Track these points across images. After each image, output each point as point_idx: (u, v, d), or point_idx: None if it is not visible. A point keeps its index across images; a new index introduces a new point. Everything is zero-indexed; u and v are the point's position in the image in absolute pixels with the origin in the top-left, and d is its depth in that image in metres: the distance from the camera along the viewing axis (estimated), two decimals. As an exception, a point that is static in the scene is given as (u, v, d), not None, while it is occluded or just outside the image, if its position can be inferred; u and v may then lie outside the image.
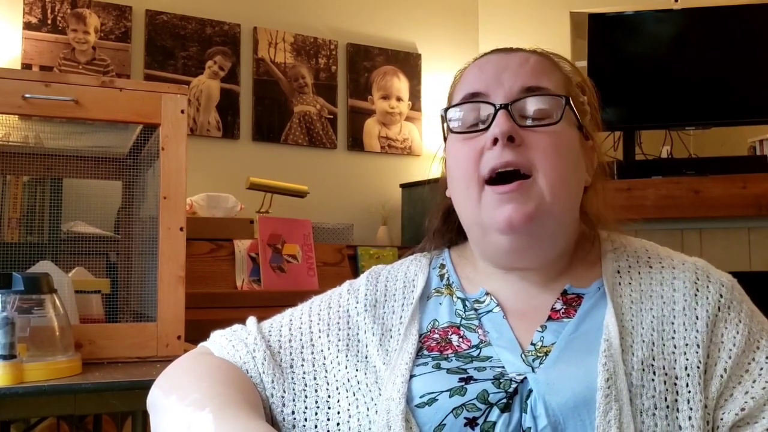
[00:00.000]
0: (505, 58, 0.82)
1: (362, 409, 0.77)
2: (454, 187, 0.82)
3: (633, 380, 0.70)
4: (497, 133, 0.75)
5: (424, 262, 0.90)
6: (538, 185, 0.76)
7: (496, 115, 0.77)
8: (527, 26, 3.38)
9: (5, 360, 1.15)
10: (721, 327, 0.74)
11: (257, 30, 3.13)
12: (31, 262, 1.43)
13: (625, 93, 2.91)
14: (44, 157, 1.60)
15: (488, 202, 0.76)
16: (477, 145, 0.78)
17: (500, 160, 0.75)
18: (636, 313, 0.75)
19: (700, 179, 2.60)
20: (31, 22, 2.71)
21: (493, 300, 0.82)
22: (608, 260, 0.81)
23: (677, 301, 0.76)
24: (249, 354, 0.82)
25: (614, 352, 0.71)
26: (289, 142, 3.17)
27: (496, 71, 0.80)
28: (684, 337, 0.73)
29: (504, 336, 0.78)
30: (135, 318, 1.52)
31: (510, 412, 0.70)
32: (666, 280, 0.78)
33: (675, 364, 0.72)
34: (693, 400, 0.69)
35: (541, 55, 0.84)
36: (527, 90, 0.79)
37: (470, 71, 0.84)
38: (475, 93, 0.80)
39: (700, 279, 0.77)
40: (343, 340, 0.82)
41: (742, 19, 2.89)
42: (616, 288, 0.78)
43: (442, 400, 0.72)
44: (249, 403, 0.73)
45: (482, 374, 0.73)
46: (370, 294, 0.86)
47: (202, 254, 2.38)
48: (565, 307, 0.78)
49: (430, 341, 0.80)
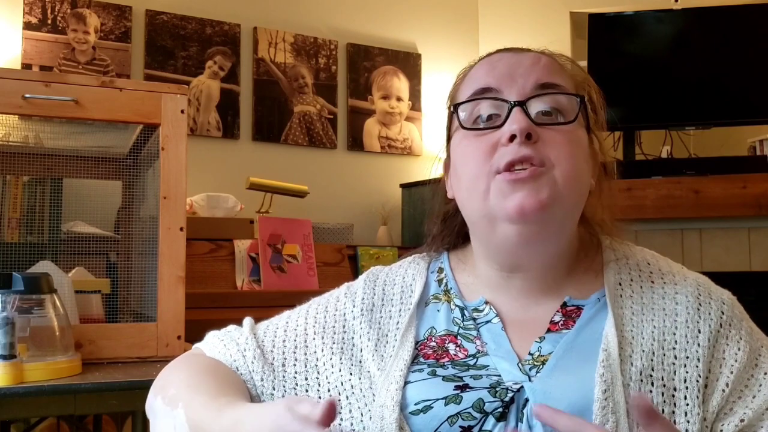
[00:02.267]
0: (517, 57, 0.80)
1: (356, 414, 0.76)
2: (460, 183, 0.79)
3: (631, 392, 0.69)
4: (516, 130, 0.73)
5: (422, 266, 0.88)
6: (553, 174, 0.74)
7: (510, 111, 0.75)
8: (527, 26, 3.38)
9: (5, 360, 1.15)
10: (723, 343, 0.74)
11: (257, 30, 3.13)
12: (31, 262, 1.43)
13: (625, 93, 2.91)
14: (44, 157, 1.60)
15: (498, 190, 0.74)
16: (490, 141, 0.76)
17: (517, 155, 0.73)
18: (637, 324, 0.74)
19: (700, 179, 2.60)
20: (31, 22, 2.71)
21: (492, 310, 0.80)
22: (610, 271, 0.80)
23: (680, 313, 0.75)
24: (239, 352, 0.82)
25: (613, 363, 0.70)
26: (289, 142, 3.17)
27: (509, 67, 0.79)
28: (685, 350, 0.73)
29: (502, 347, 0.77)
30: (135, 318, 1.52)
31: (506, 422, 0.69)
32: (668, 294, 0.77)
33: (674, 376, 0.71)
34: (690, 413, 0.69)
35: (551, 56, 0.83)
36: (542, 87, 0.77)
37: (480, 67, 0.82)
38: (487, 88, 0.78)
39: (702, 295, 0.77)
40: (337, 343, 0.82)
41: (742, 19, 2.89)
42: (617, 299, 0.77)
43: (437, 408, 0.71)
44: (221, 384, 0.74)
45: (478, 382, 0.72)
46: (368, 298, 0.85)
47: (202, 254, 2.38)
48: (564, 319, 0.77)
49: (427, 349, 0.79)
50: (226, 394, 0.71)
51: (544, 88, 0.77)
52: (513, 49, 0.83)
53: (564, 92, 0.78)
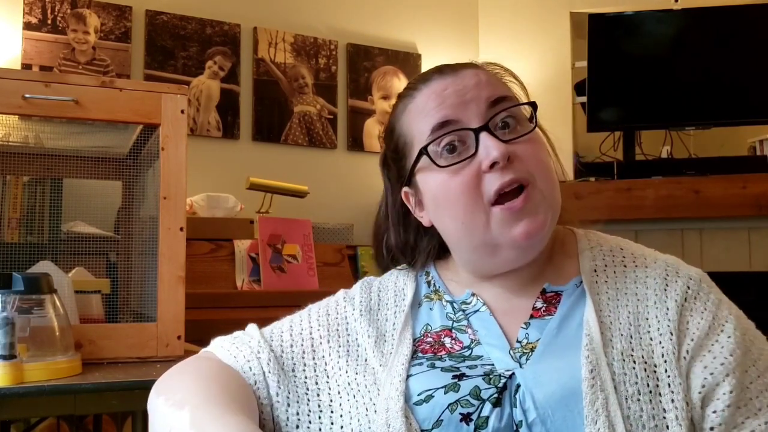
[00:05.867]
0: (457, 79, 0.83)
1: (362, 410, 0.79)
2: (448, 215, 0.82)
3: (615, 369, 0.72)
4: (496, 157, 0.76)
5: (411, 273, 0.92)
6: (539, 190, 0.78)
7: (478, 139, 0.78)
8: (527, 26, 3.38)
9: (5, 360, 1.15)
10: (687, 315, 0.77)
11: (257, 30, 3.13)
12: (31, 262, 1.43)
13: (625, 93, 2.92)
14: (44, 157, 1.60)
15: (499, 221, 0.77)
16: (470, 172, 0.78)
17: (504, 179, 0.77)
18: (613, 309, 0.78)
19: (700, 179, 2.60)
20: (31, 22, 2.71)
21: (479, 300, 0.84)
22: (585, 258, 0.84)
23: (649, 297, 0.79)
24: (253, 354, 0.84)
25: (596, 346, 0.74)
26: (289, 142, 3.16)
27: (456, 94, 0.81)
28: (658, 328, 0.76)
29: (492, 332, 0.81)
30: (135, 318, 1.52)
31: (501, 407, 0.72)
32: (639, 278, 0.81)
33: (653, 353, 0.74)
34: (673, 384, 0.72)
35: (483, 68, 0.86)
36: (493, 103, 0.80)
37: (427, 99, 0.83)
38: (446, 122, 0.80)
39: (670, 275, 0.81)
40: (343, 346, 0.85)
41: (742, 19, 2.89)
42: (594, 286, 0.81)
43: (438, 397, 0.74)
44: (232, 399, 0.74)
45: (474, 371, 0.76)
46: (365, 301, 0.89)
47: (202, 254, 2.38)
48: (546, 305, 0.81)
49: (424, 345, 0.83)
50: (234, 411, 0.71)
51: (496, 103, 0.81)
52: (446, 70, 0.85)
53: (517, 104, 0.82)
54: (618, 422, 0.69)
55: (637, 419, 0.70)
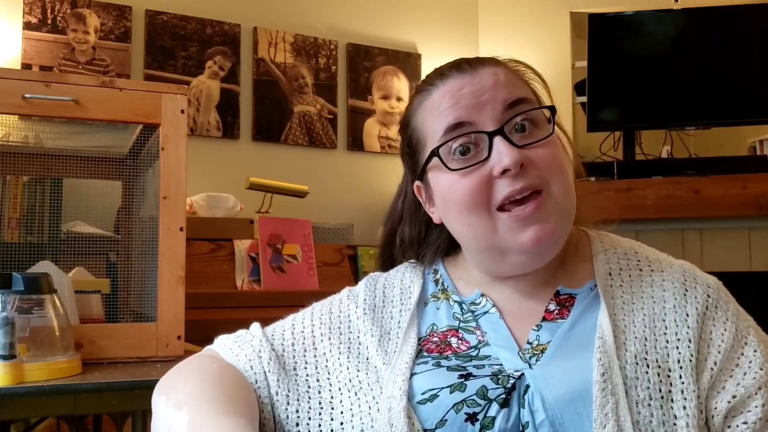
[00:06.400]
0: (475, 78, 0.79)
1: (364, 408, 0.78)
2: (455, 216, 0.80)
3: (627, 373, 0.71)
4: (508, 164, 0.74)
5: (418, 270, 0.91)
6: (553, 197, 0.76)
7: (492, 143, 0.76)
8: (527, 26, 3.38)
9: (5, 360, 1.14)
10: (710, 324, 0.76)
11: (257, 30, 3.13)
12: (31, 262, 1.43)
13: (625, 93, 2.91)
14: (44, 157, 1.60)
15: (507, 227, 0.76)
16: (480, 176, 0.76)
17: (515, 186, 0.75)
18: (628, 313, 0.77)
19: (700, 179, 2.60)
20: (31, 22, 2.71)
21: (488, 301, 0.83)
22: (600, 261, 0.83)
23: (667, 300, 0.78)
24: (254, 353, 0.83)
25: (608, 349, 0.73)
26: (289, 142, 3.16)
27: (473, 95, 0.78)
28: (675, 333, 0.75)
29: (501, 334, 0.79)
30: (135, 318, 1.52)
31: (509, 408, 0.71)
32: (656, 282, 0.80)
33: (668, 358, 0.74)
34: (687, 391, 0.72)
35: (505, 67, 0.83)
36: (510, 105, 0.78)
37: (443, 98, 0.80)
38: (459, 123, 0.78)
39: (688, 280, 0.80)
40: (344, 343, 0.84)
41: (742, 19, 2.89)
42: (608, 290, 0.79)
43: (443, 396, 0.73)
44: (232, 400, 0.74)
45: (481, 371, 0.75)
46: (369, 299, 0.88)
47: (202, 254, 2.38)
48: (559, 308, 0.80)
49: (430, 344, 0.82)
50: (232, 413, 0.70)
51: (513, 105, 0.78)
52: (465, 66, 0.82)
53: (535, 107, 0.79)
54: (627, 427, 0.68)
55: (646, 424, 0.69)
